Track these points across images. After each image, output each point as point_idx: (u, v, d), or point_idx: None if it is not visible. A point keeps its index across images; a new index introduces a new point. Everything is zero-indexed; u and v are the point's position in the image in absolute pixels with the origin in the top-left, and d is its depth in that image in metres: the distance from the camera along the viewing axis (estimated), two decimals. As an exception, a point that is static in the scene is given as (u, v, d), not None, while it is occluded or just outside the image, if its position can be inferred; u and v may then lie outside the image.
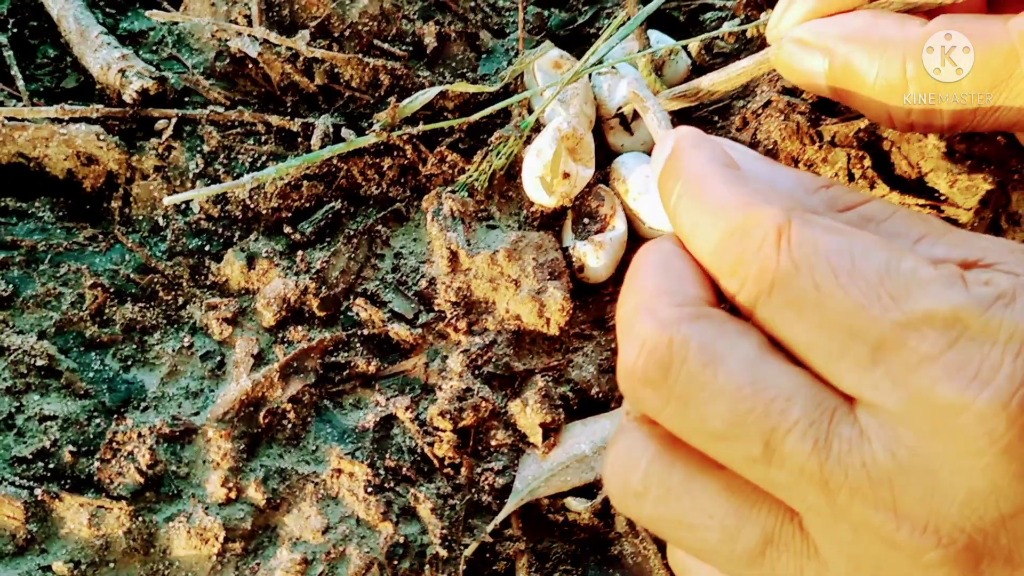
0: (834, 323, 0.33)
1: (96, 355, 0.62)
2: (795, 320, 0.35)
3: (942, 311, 0.32)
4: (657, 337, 0.36)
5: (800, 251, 0.34)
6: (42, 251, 0.65)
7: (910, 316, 0.32)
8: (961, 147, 0.72)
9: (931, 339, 0.32)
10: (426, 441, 0.61)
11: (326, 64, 0.71)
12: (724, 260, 0.37)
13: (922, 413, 0.32)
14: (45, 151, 0.67)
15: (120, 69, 0.68)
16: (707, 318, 0.36)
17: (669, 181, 0.41)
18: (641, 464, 0.38)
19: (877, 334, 0.32)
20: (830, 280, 0.34)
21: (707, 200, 0.38)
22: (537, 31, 0.81)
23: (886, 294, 0.33)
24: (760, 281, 0.35)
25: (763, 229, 0.35)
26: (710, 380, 0.35)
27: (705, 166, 0.40)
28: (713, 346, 0.35)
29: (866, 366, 0.33)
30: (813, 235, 0.35)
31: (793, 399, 0.34)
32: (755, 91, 0.76)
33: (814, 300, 0.34)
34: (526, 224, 0.70)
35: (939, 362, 0.31)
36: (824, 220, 0.36)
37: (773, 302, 0.35)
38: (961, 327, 0.32)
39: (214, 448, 0.59)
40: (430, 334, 0.66)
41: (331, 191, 0.70)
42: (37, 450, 0.57)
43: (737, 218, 0.37)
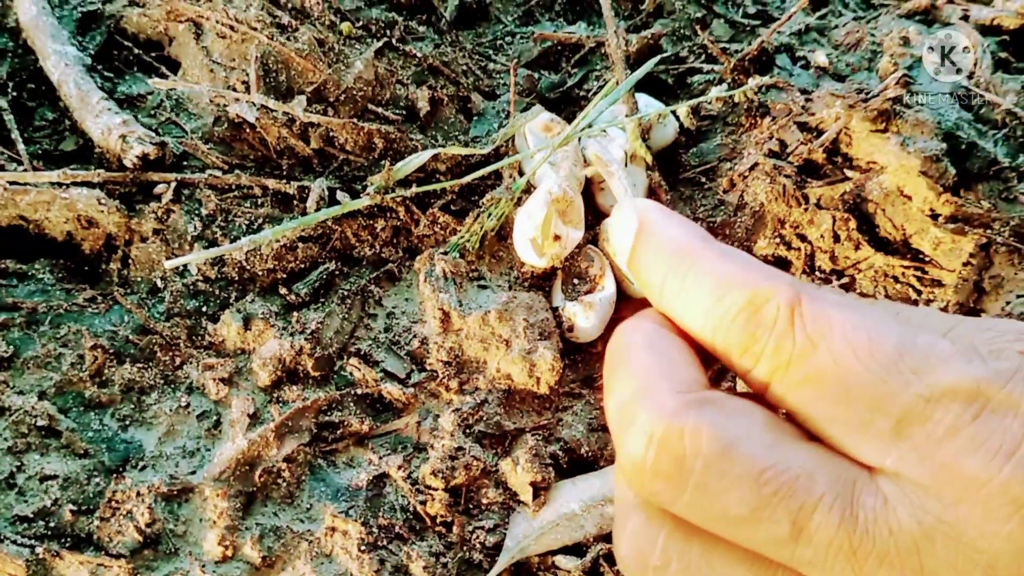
0: (855, 397, 0.35)
1: (95, 415, 0.67)
2: (814, 396, 0.36)
3: (965, 385, 0.34)
4: (666, 429, 0.36)
5: (815, 327, 0.36)
6: (42, 312, 0.70)
7: (933, 390, 0.34)
8: (945, 210, 0.78)
9: (955, 412, 0.33)
10: (418, 499, 0.66)
11: (322, 128, 0.78)
12: (732, 338, 0.38)
13: (947, 483, 0.34)
14: (46, 214, 0.73)
15: (121, 134, 0.74)
16: (711, 402, 0.37)
17: (646, 257, 0.42)
18: (659, 541, 0.39)
19: (900, 408, 0.34)
20: (848, 355, 0.35)
21: (702, 277, 0.39)
22: (528, 93, 0.88)
23: (907, 368, 0.34)
24: (776, 358, 0.37)
25: (775, 305, 0.37)
26: (728, 468, 0.36)
27: (688, 241, 0.41)
28: (725, 432, 0.36)
29: (889, 439, 0.35)
30: (826, 311, 0.36)
31: (815, 475, 0.35)
32: (742, 153, 0.83)
33: (833, 376, 0.35)
34: (517, 284, 0.75)
35: (964, 435, 0.33)
36: (832, 296, 0.38)
37: (790, 379, 0.37)
38: (984, 400, 0.33)
39: (211, 507, 0.64)
40: (422, 393, 0.71)
41: (326, 252, 0.75)
42: (38, 509, 0.62)
43: (744, 295, 0.38)
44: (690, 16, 0.96)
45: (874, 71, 0.91)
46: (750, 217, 0.79)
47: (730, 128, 0.85)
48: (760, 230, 0.79)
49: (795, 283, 0.38)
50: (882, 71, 0.89)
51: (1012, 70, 0.94)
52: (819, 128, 0.82)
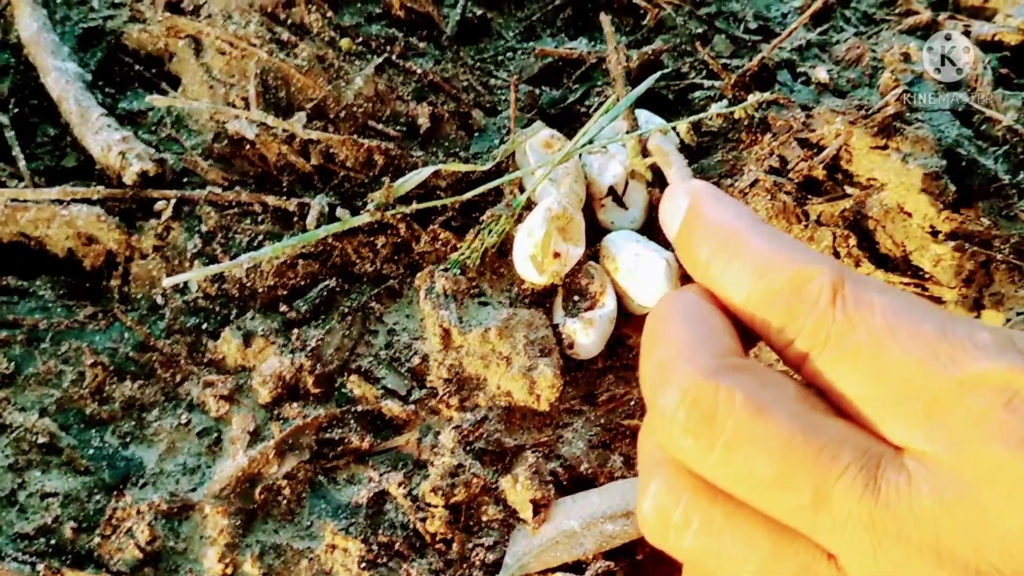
0: (890, 377, 0.37)
1: (96, 432, 0.69)
2: (849, 373, 0.38)
3: (998, 372, 0.35)
4: (700, 387, 0.38)
5: (856, 308, 0.38)
6: (43, 329, 0.72)
7: (967, 375, 0.36)
8: (945, 227, 0.79)
9: (987, 398, 0.35)
10: (418, 517, 0.68)
11: (322, 145, 0.79)
12: (773, 313, 0.40)
13: (974, 465, 0.35)
14: (46, 231, 0.74)
15: (121, 151, 0.76)
16: (747, 369, 0.39)
17: (695, 236, 0.43)
18: (683, 499, 0.40)
19: (933, 391, 0.36)
20: (887, 337, 0.37)
21: (747, 255, 0.41)
22: (528, 109, 0.89)
23: (944, 354, 0.36)
24: (815, 335, 0.39)
25: (818, 284, 0.39)
26: (759, 430, 0.37)
27: (736, 221, 0.43)
28: (759, 396, 0.38)
29: (920, 419, 0.36)
30: (868, 294, 0.38)
31: (842, 446, 0.37)
32: (742, 170, 0.84)
33: (870, 355, 0.37)
34: (517, 301, 0.77)
35: (994, 421, 0.35)
36: (875, 281, 0.40)
37: (827, 356, 0.39)
38: (1016, 389, 0.35)
39: (211, 524, 0.66)
40: (423, 410, 0.73)
41: (326, 269, 0.77)
42: (39, 526, 0.64)
43: (787, 274, 0.40)
44: (691, 32, 0.98)
45: (875, 87, 0.93)
46: (751, 234, 0.81)
47: (731, 144, 0.87)
48: (760, 247, 0.80)
49: (840, 266, 0.40)
50: (883, 87, 0.90)
51: (1013, 86, 0.96)
52: (820, 144, 0.84)
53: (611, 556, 0.68)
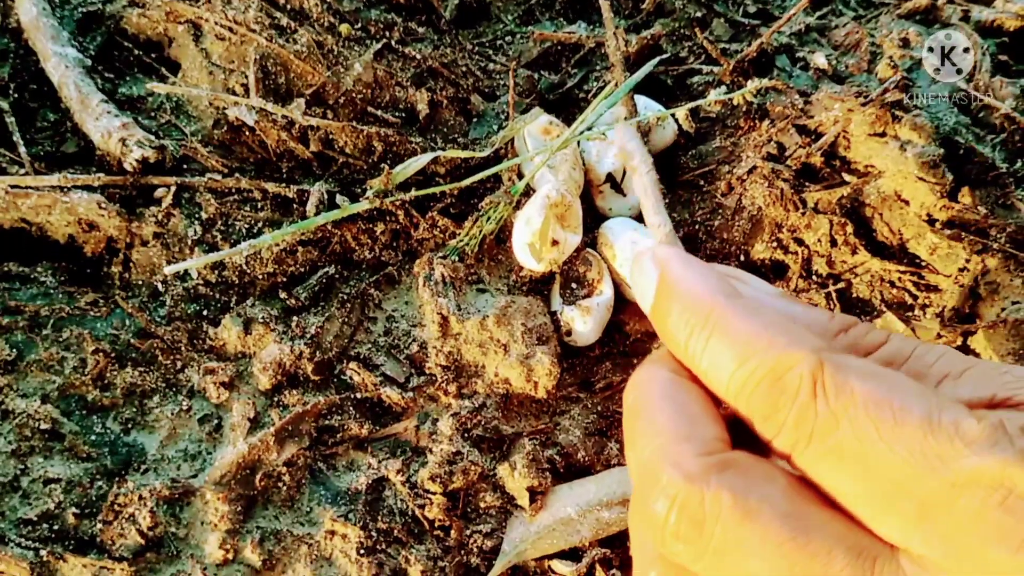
0: (879, 478, 0.35)
1: (98, 418, 0.69)
2: (837, 472, 0.37)
3: (990, 470, 0.33)
4: (687, 493, 0.37)
5: (838, 401, 0.36)
6: (45, 316, 0.71)
7: (958, 476, 0.34)
8: (942, 215, 0.79)
9: (980, 498, 0.33)
10: (417, 504, 0.68)
11: (321, 131, 0.79)
12: (755, 405, 0.38)
13: (972, 569, 0.34)
14: (47, 217, 0.74)
15: (121, 138, 0.75)
16: (734, 466, 0.38)
17: (671, 314, 0.42)
18: None
19: (925, 493, 0.34)
20: (872, 435, 0.35)
21: (726, 338, 0.39)
22: (527, 94, 0.89)
23: (931, 453, 0.34)
24: (798, 430, 0.37)
25: (797, 374, 0.37)
26: (747, 536, 0.36)
27: (712, 298, 0.41)
28: (747, 499, 0.37)
29: (913, 521, 0.35)
30: (848, 383, 0.36)
31: (834, 549, 0.35)
32: (740, 156, 0.84)
33: (855, 454, 0.36)
34: (515, 288, 0.77)
35: (990, 522, 0.33)
36: (855, 362, 0.38)
37: (812, 452, 0.37)
38: (1010, 485, 0.33)
39: (212, 510, 0.66)
40: (421, 397, 0.73)
41: (325, 256, 0.77)
42: (42, 512, 0.64)
43: (765, 361, 0.38)
44: (690, 16, 0.97)
45: (874, 73, 0.92)
46: (748, 221, 0.80)
47: (729, 131, 0.87)
48: (757, 234, 0.80)
49: (820, 348, 0.38)
50: (881, 74, 0.90)
51: (1011, 73, 0.95)
52: (818, 131, 0.83)
53: (607, 543, 0.68)
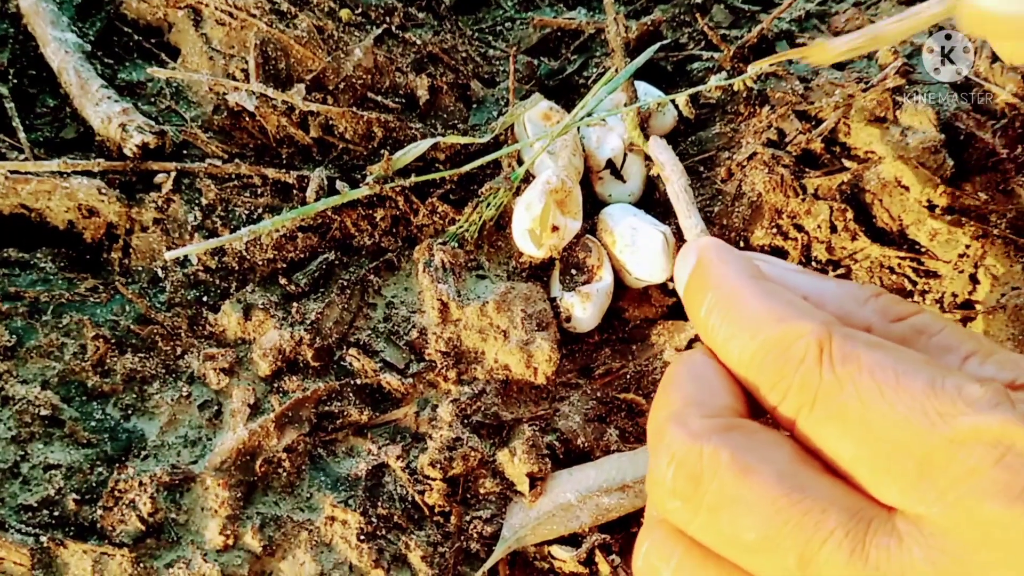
0: (879, 438, 0.35)
1: (98, 404, 0.68)
2: (838, 434, 0.36)
3: (990, 428, 0.33)
4: (687, 449, 0.38)
5: (843, 366, 0.36)
6: (45, 302, 0.71)
7: (957, 432, 0.34)
8: (941, 202, 0.78)
9: (979, 455, 0.33)
10: (417, 489, 0.67)
11: (321, 117, 0.78)
12: (762, 374, 0.39)
13: (968, 525, 0.33)
14: (47, 203, 0.73)
15: (121, 123, 0.74)
16: (738, 429, 0.38)
17: (697, 294, 0.43)
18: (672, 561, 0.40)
19: (924, 449, 0.34)
20: (875, 395, 0.35)
21: (741, 313, 0.40)
22: (527, 80, 0.87)
23: (932, 410, 0.34)
24: (802, 395, 0.37)
25: (804, 343, 0.37)
26: (742, 492, 0.36)
27: (735, 278, 0.42)
28: (745, 457, 0.37)
29: (912, 479, 0.34)
30: (855, 350, 0.36)
31: (828, 509, 0.35)
32: (740, 143, 0.83)
33: (858, 415, 0.36)
34: (515, 274, 0.76)
35: (987, 477, 0.33)
36: (864, 335, 0.38)
37: (815, 416, 0.37)
38: (1008, 443, 0.33)
39: (212, 496, 0.65)
40: (421, 383, 0.72)
41: (325, 242, 0.76)
42: (42, 498, 0.63)
43: (775, 332, 0.38)
44: (690, 2, 0.95)
45: (874, 59, 0.90)
46: (747, 207, 0.79)
47: (729, 117, 0.85)
48: (757, 220, 0.79)
49: (829, 321, 0.38)
50: (882, 60, 0.88)
51: (1012, 59, 0.93)
52: (818, 117, 0.82)
53: (607, 529, 0.68)
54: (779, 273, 0.44)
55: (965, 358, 0.39)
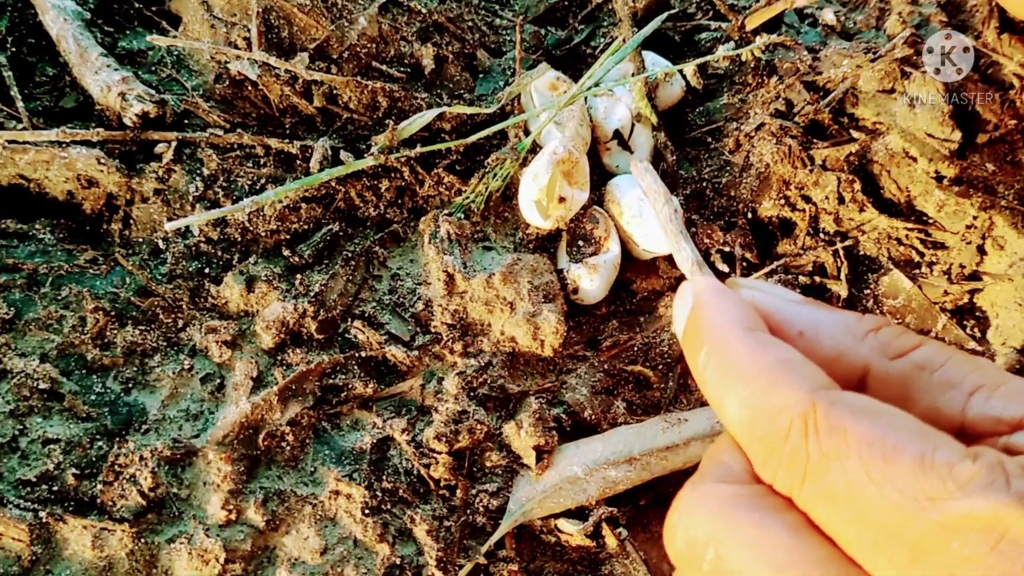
0: (870, 521, 0.33)
1: (97, 378, 0.64)
2: (830, 513, 0.35)
3: (983, 513, 0.31)
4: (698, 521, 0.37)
5: (829, 442, 0.34)
6: (43, 274, 0.66)
7: (949, 518, 0.32)
8: (949, 173, 0.74)
9: (972, 543, 0.31)
10: (422, 463, 0.63)
11: (325, 86, 0.73)
12: (754, 444, 0.37)
13: None
14: (46, 173, 0.68)
15: (120, 92, 0.70)
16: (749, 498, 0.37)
17: (693, 343, 0.41)
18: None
19: (915, 535, 0.32)
20: (862, 477, 0.33)
21: (732, 373, 0.38)
22: (534, 50, 0.82)
23: (923, 494, 0.32)
24: (792, 471, 0.36)
25: (789, 416, 0.35)
26: (750, 568, 0.35)
27: (728, 331, 0.40)
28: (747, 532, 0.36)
29: (905, 564, 0.33)
30: (841, 422, 0.34)
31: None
32: (748, 113, 0.78)
33: (847, 496, 0.34)
34: (522, 246, 0.71)
35: (981, 566, 0.31)
36: (851, 399, 0.36)
37: (806, 495, 0.35)
38: (1002, 529, 0.31)
39: (214, 470, 0.61)
40: (426, 356, 0.67)
41: (329, 213, 0.71)
42: (41, 473, 0.59)
43: (760, 397, 0.37)
44: (697, -28, 0.90)
45: (882, 29, 0.85)
46: (755, 178, 0.75)
47: (737, 87, 0.81)
48: (765, 191, 0.75)
49: (817, 386, 0.36)
50: (890, 30, 0.83)
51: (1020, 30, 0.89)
52: (826, 88, 0.77)
53: (614, 502, 0.64)
54: (775, 306, 0.42)
55: (971, 393, 0.36)
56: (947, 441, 0.33)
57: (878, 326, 0.40)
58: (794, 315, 0.41)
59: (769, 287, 0.44)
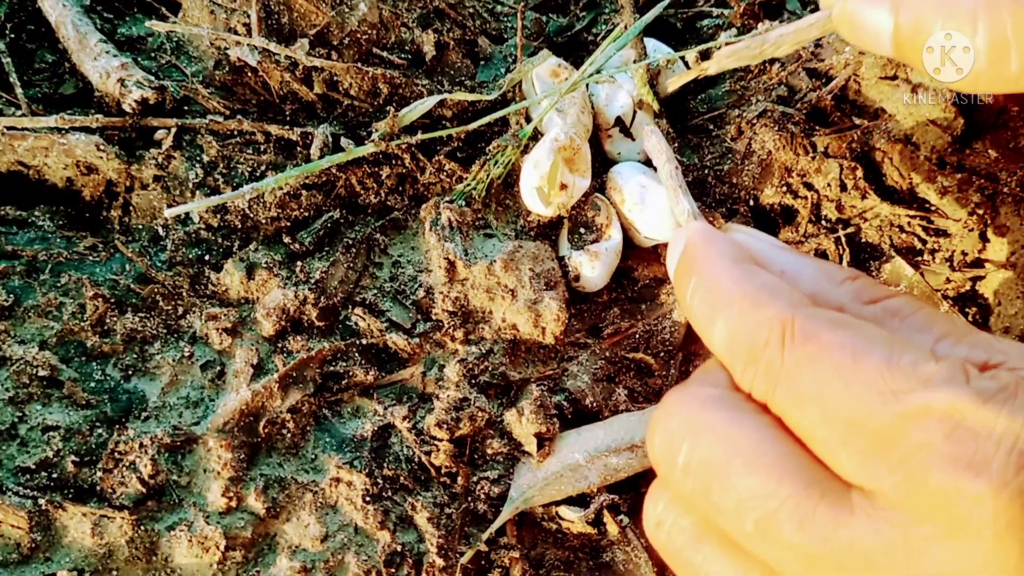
0: (836, 417, 0.34)
1: (97, 365, 0.63)
2: (801, 414, 0.36)
3: (941, 403, 0.32)
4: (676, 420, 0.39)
5: (804, 349, 0.36)
6: (43, 261, 0.65)
7: (909, 409, 0.33)
8: (952, 160, 0.73)
9: (929, 430, 0.32)
10: (423, 450, 0.62)
11: (325, 73, 0.72)
12: (736, 357, 0.39)
13: (916, 498, 0.33)
14: (45, 160, 0.67)
15: (119, 78, 0.68)
16: (723, 402, 0.38)
17: (684, 278, 0.43)
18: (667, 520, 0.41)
19: (877, 426, 0.33)
20: (832, 377, 0.35)
21: (719, 297, 0.40)
22: (535, 37, 0.81)
23: (887, 388, 0.34)
24: (768, 378, 0.37)
25: (768, 327, 0.37)
26: (718, 460, 0.37)
27: (717, 262, 0.41)
28: (720, 428, 0.37)
29: (866, 456, 0.34)
30: (816, 331, 0.36)
31: (784, 479, 0.35)
32: (750, 100, 0.77)
33: (817, 396, 0.35)
34: (523, 233, 0.70)
35: (936, 450, 0.32)
36: (829, 314, 0.37)
37: (780, 398, 0.37)
38: (959, 418, 0.32)
39: (215, 458, 0.60)
40: (427, 343, 0.66)
41: (330, 200, 0.70)
42: (40, 460, 0.58)
43: (744, 316, 0.38)
44: (699, -42, 0.89)
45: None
46: (757, 165, 0.74)
47: (739, 74, 0.79)
48: (767, 179, 0.74)
49: (797, 302, 0.38)
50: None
51: None
52: (828, 74, 0.76)
53: (615, 489, 0.63)
54: (761, 248, 0.44)
55: (938, 339, 0.38)
56: (914, 348, 0.35)
57: (855, 276, 0.42)
58: (778, 258, 0.43)
59: (757, 233, 0.46)
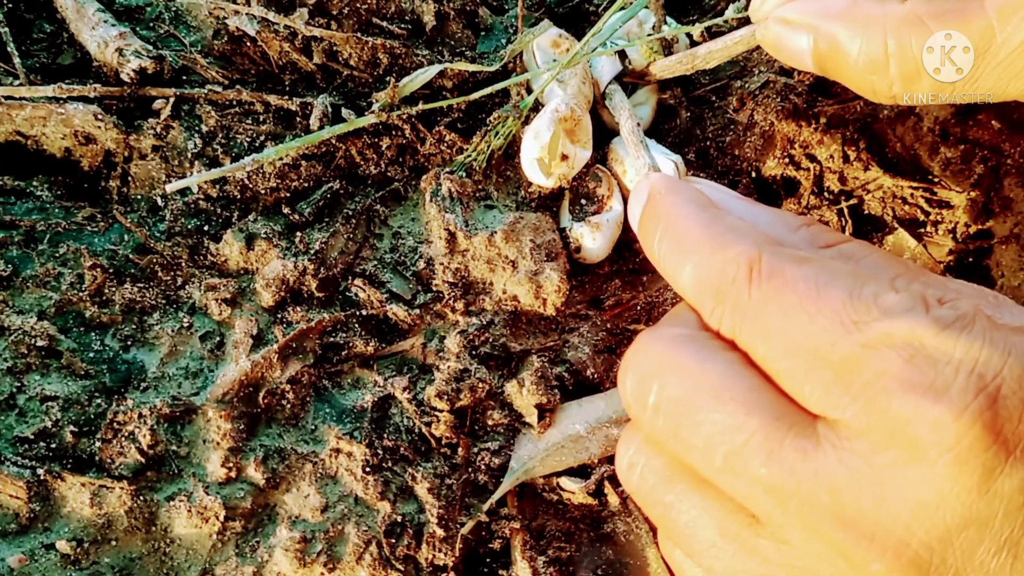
0: (800, 349, 0.34)
1: (96, 335, 0.61)
2: (767, 347, 0.36)
3: (901, 331, 0.33)
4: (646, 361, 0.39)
5: (770, 283, 0.36)
6: (41, 231, 0.63)
7: (870, 337, 0.33)
8: (956, 131, 0.71)
9: (889, 357, 0.32)
10: (424, 421, 0.60)
11: (324, 43, 0.69)
12: (704, 297, 0.38)
13: (877, 425, 0.32)
14: (43, 130, 0.65)
15: (118, 48, 0.66)
16: (692, 341, 0.38)
17: (648, 226, 0.43)
18: (638, 462, 0.41)
19: (839, 356, 0.33)
20: (796, 309, 0.35)
21: (685, 241, 0.40)
22: (536, 7, 0.79)
23: (849, 319, 0.34)
24: (735, 314, 0.37)
25: (735, 265, 0.37)
26: (687, 397, 0.37)
27: (682, 208, 0.41)
28: (689, 366, 0.37)
29: (828, 386, 0.34)
30: (782, 266, 0.36)
31: (752, 412, 0.35)
32: (752, 71, 0.75)
33: (782, 328, 0.35)
34: (524, 205, 0.68)
35: (896, 377, 0.32)
36: (793, 252, 0.37)
37: (746, 332, 0.37)
38: (918, 345, 0.32)
39: (214, 428, 0.58)
40: (428, 314, 0.65)
41: (329, 171, 0.68)
42: (39, 430, 0.56)
43: (711, 256, 0.38)
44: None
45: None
46: (759, 137, 0.72)
47: (741, 45, 0.77)
48: (769, 150, 0.72)
49: (762, 240, 0.38)
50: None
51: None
52: (831, 46, 0.74)
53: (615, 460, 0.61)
54: (719, 197, 0.44)
55: (893, 279, 0.37)
56: (876, 280, 0.35)
57: (811, 222, 0.42)
58: (735, 206, 0.43)
59: (716, 185, 0.46)
